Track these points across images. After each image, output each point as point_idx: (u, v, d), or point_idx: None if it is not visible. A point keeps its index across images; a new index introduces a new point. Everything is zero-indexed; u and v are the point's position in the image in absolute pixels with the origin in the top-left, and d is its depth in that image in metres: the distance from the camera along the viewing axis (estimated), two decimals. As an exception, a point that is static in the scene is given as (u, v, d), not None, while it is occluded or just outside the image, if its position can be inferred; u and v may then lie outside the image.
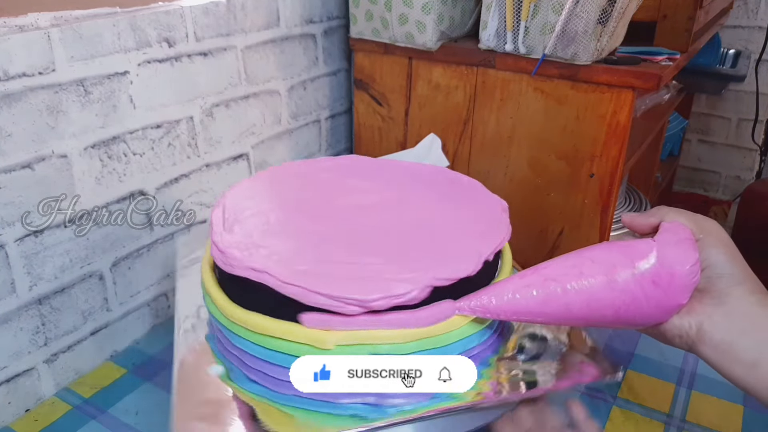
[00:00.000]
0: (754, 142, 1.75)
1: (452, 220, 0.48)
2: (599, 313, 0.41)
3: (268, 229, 0.46)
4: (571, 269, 0.41)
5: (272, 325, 0.41)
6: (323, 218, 0.48)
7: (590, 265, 0.41)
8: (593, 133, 0.77)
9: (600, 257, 0.41)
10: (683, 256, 0.39)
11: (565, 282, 0.40)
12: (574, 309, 0.40)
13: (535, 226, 0.83)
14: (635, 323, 0.42)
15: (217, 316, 0.45)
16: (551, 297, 0.40)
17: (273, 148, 0.86)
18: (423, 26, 0.81)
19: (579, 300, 0.40)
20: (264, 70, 0.81)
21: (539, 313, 0.41)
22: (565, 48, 0.73)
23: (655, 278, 0.39)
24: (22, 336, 0.58)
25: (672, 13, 0.88)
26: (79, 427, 0.56)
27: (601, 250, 0.42)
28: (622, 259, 0.40)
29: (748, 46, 1.65)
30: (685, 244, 0.40)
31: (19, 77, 0.53)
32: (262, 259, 0.42)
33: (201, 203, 0.75)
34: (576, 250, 0.43)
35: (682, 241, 0.40)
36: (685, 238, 0.40)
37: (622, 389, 0.59)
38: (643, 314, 0.41)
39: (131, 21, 0.62)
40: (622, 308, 0.40)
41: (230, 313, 0.43)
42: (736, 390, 0.58)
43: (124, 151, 0.64)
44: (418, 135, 0.90)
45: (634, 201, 1.24)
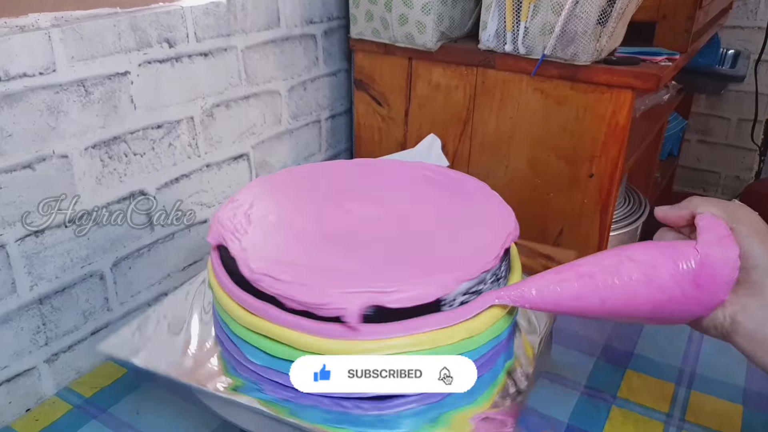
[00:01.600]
0: (754, 142, 1.75)
1: (453, 235, 0.47)
2: (635, 309, 0.41)
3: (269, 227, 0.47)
4: (609, 267, 0.41)
5: (248, 317, 0.42)
6: (325, 220, 0.48)
7: (628, 263, 0.41)
8: (593, 133, 0.77)
9: (639, 257, 0.41)
10: (725, 256, 0.39)
11: (602, 279, 0.41)
12: (608, 304, 0.41)
13: (534, 226, 0.84)
14: (673, 320, 0.42)
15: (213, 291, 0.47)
16: (587, 291, 0.41)
17: (273, 148, 0.86)
18: (423, 26, 0.81)
19: (614, 296, 0.40)
20: (264, 71, 0.81)
21: (575, 306, 0.41)
22: (564, 48, 0.73)
23: (696, 279, 0.39)
24: (23, 336, 0.58)
25: (671, 14, 0.88)
26: (80, 427, 0.56)
27: (641, 249, 0.42)
28: (663, 259, 0.40)
29: (747, 46, 1.65)
30: (725, 242, 0.40)
31: (20, 77, 0.54)
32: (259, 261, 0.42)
33: (201, 203, 0.75)
34: (615, 248, 0.43)
35: (722, 239, 0.40)
36: (724, 235, 0.40)
37: (621, 388, 0.59)
38: (682, 311, 0.41)
39: (132, 21, 0.62)
40: (659, 306, 0.40)
41: (219, 296, 0.45)
42: (736, 390, 0.59)
43: (125, 151, 0.64)
44: (418, 135, 0.90)
45: (633, 201, 1.24)
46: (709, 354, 0.64)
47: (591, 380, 0.59)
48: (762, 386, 0.59)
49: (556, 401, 0.56)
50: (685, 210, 0.43)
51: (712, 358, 0.63)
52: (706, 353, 0.64)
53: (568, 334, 0.65)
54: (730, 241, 0.40)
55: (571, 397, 0.57)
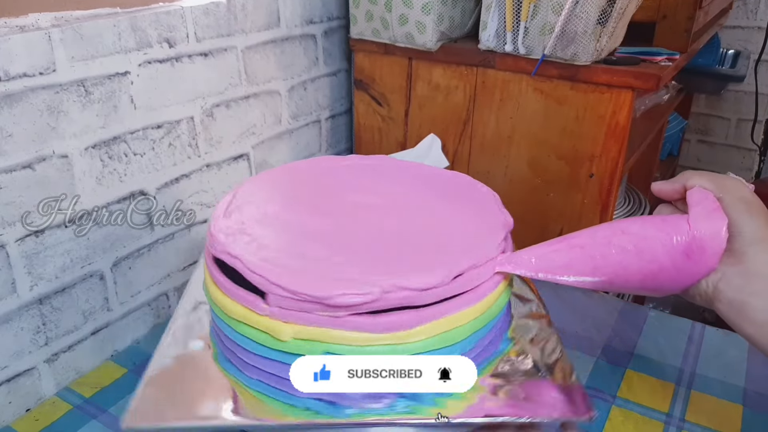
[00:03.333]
0: (754, 142, 1.75)
1: (447, 229, 0.48)
2: (626, 279, 0.42)
3: (262, 219, 0.47)
4: (602, 238, 0.43)
5: (235, 308, 0.43)
6: (321, 215, 0.49)
7: (620, 235, 0.43)
8: (593, 133, 0.77)
9: (631, 229, 0.43)
10: (715, 228, 0.41)
11: (595, 250, 0.43)
12: (599, 273, 0.43)
13: (534, 226, 0.84)
14: (664, 290, 0.44)
15: (206, 293, 0.47)
16: (580, 261, 0.43)
17: (273, 148, 0.86)
18: (423, 26, 0.81)
19: (606, 266, 0.42)
20: (264, 71, 0.81)
21: (569, 274, 0.43)
22: (564, 48, 0.73)
23: (687, 251, 0.41)
24: (23, 336, 0.58)
25: (672, 14, 0.88)
26: (80, 427, 0.56)
27: (634, 222, 0.44)
28: (655, 231, 0.42)
29: (747, 46, 1.65)
30: (714, 214, 0.41)
31: (20, 77, 0.54)
32: (240, 246, 0.43)
33: (201, 203, 0.75)
34: (609, 222, 0.45)
35: (711, 212, 0.41)
36: (713, 208, 0.41)
37: (621, 388, 0.59)
38: (673, 282, 0.42)
39: (132, 21, 0.62)
40: (649, 276, 0.42)
41: (212, 292, 0.45)
42: (736, 390, 0.59)
43: (125, 151, 0.64)
44: (418, 135, 0.90)
45: (633, 201, 1.24)
46: (709, 354, 0.64)
47: (591, 380, 0.59)
48: (762, 386, 0.59)
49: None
50: (678, 183, 0.45)
51: (712, 358, 0.64)
52: (706, 353, 0.64)
53: (568, 334, 0.65)
54: (720, 214, 0.41)
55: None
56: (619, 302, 0.75)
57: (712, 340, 0.67)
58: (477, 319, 0.43)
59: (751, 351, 0.64)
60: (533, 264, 0.44)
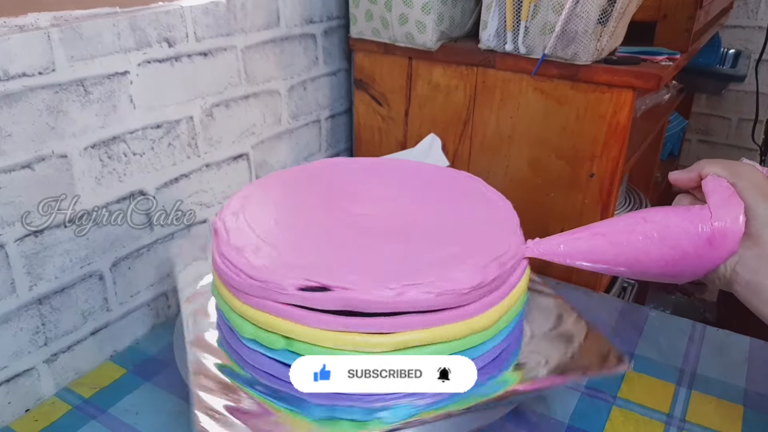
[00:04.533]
0: (754, 142, 1.75)
1: (450, 235, 0.48)
2: (646, 266, 0.45)
3: (275, 222, 0.49)
4: (624, 227, 0.45)
5: (234, 302, 0.45)
6: (324, 216, 0.49)
7: (644, 223, 0.45)
8: (593, 133, 0.77)
9: (655, 218, 0.45)
10: (734, 214, 0.42)
11: (619, 237, 0.45)
12: (620, 259, 0.45)
13: (534, 226, 0.83)
14: (683, 276, 0.45)
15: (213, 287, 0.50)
16: (599, 246, 0.45)
17: (273, 148, 0.86)
18: (423, 26, 0.81)
19: (626, 252, 0.45)
20: (264, 70, 0.81)
21: (589, 260, 0.46)
22: (565, 48, 0.73)
23: (710, 239, 0.42)
24: (22, 336, 0.58)
25: (672, 13, 0.88)
26: (79, 427, 0.56)
27: (656, 212, 0.46)
28: (679, 220, 0.44)
29: (748, 46, 1.65)
30: (731, 200, 0.43)
31: (19, 77, 0.53)
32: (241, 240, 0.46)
33: (201, 203, 0.75)
34: (628, 213, 0.47)
35: (727, 198, 0.43)
36: (729, 194, 0.43)
37: (622, 389, 0.59)
38: (696, 267, 0.44)
39: (131, 21, 0.62)
40: (671, 263, 0.44)
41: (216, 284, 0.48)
42: (736, 390, 0.58)
43: (124, 151, 0.64)
44: (418, 135, 0.90)
45: (634, 201, 1.23)
46: (710, 354, 0.64)
47: (591, 380, 0.59)
48: (763, 387, 0.59)
49: (556, 401, 0.56)
50: (693, 172, 0.46)
51: (713, 358, 0.63)
52: (706, 353, 0.64)
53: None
54: (736, 199, 0.42)
55: (572, 397, 0.57)
56: (619, 302, 0.75)
57: (712, 340, 0.66)
58: (513, 307, 0.46)
59: (752, 351, 0.64)
60: (561, 250, 0.47)
